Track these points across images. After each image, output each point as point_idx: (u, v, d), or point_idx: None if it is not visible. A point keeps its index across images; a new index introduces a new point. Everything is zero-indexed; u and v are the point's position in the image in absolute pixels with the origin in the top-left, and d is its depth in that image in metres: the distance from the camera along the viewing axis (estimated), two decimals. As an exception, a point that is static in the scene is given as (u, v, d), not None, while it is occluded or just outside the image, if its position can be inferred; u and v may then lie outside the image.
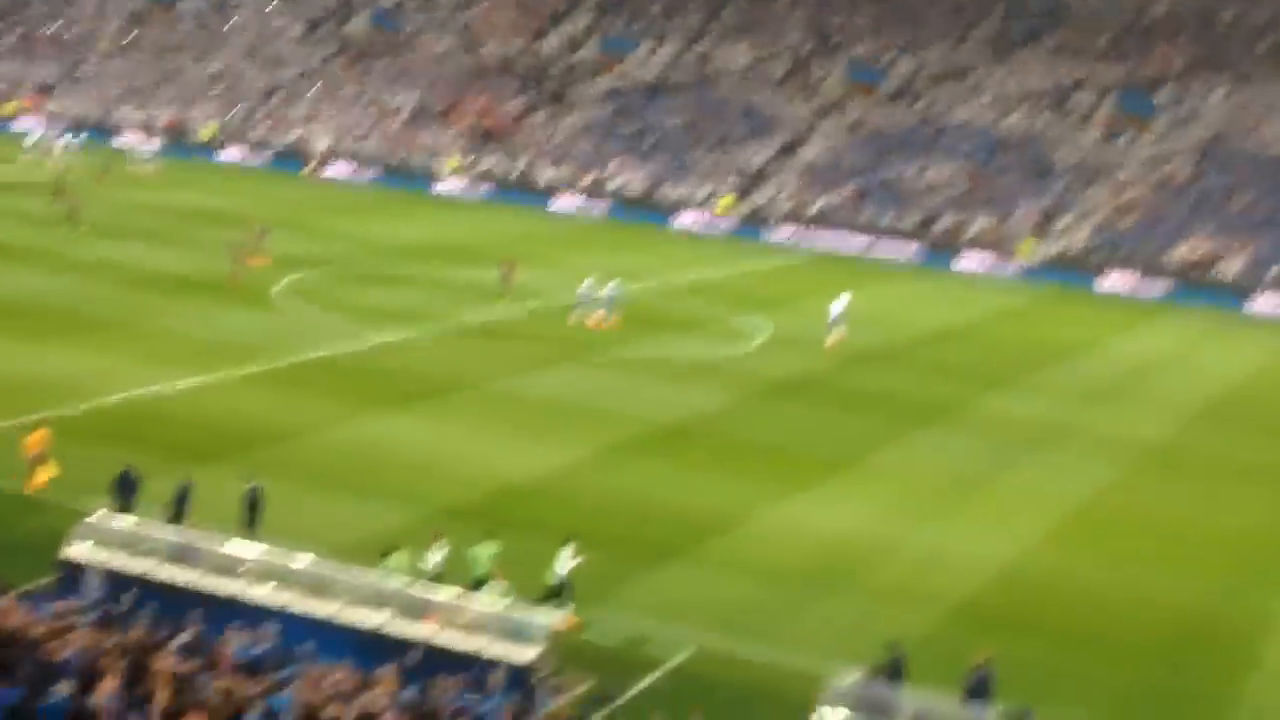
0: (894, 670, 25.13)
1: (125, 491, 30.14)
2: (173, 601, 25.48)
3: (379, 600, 25.80)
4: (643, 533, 33.22)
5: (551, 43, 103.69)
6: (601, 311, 53.45)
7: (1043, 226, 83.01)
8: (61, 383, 39.60)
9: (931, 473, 40.08)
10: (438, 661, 24.02)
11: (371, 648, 24.64)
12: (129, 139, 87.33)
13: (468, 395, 43.19)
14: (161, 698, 20.33)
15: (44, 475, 31.89)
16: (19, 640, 21.59)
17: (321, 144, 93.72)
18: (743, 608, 29.89)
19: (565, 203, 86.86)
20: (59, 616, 23.15)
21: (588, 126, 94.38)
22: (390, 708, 20.88)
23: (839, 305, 54.44)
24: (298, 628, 24.98)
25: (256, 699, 20.76)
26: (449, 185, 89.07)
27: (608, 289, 53.92)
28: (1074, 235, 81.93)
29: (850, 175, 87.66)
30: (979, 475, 40.68)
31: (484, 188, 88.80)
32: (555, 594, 28.07)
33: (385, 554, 27.98)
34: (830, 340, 53.58)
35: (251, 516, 30.08)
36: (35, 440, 32.19)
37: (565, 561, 28.41)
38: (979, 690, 24.79)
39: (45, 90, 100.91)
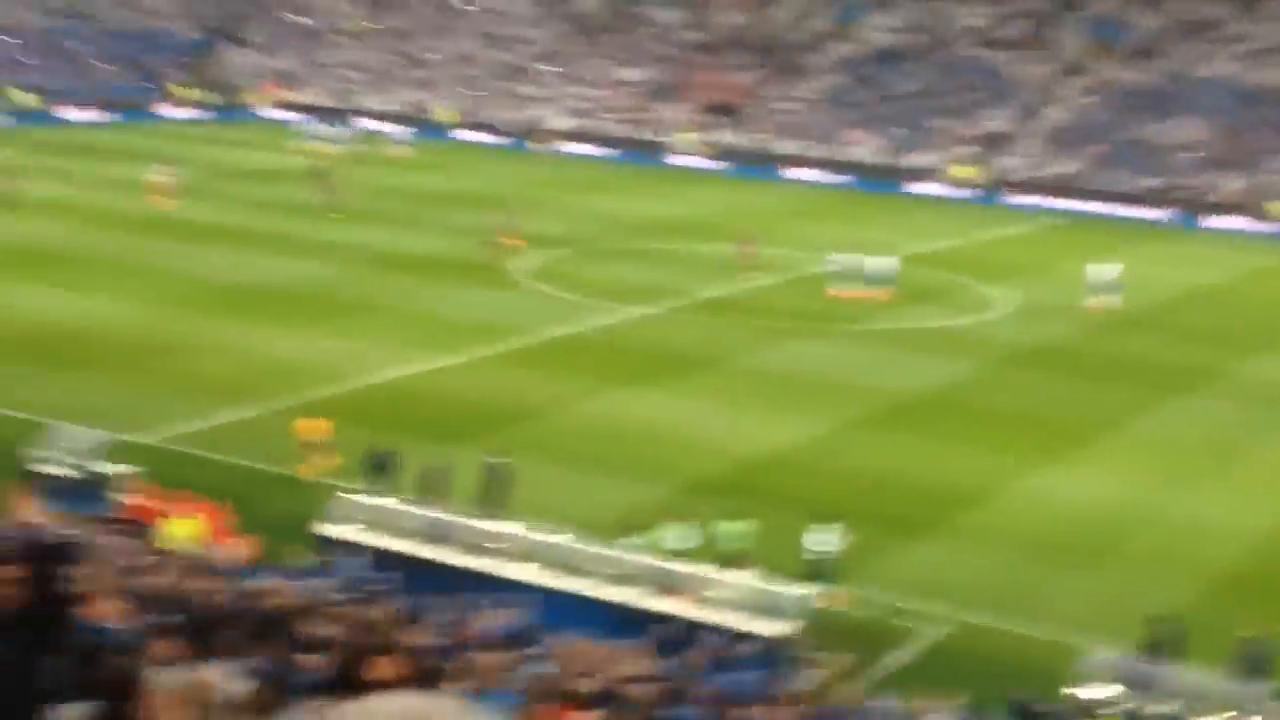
0: (1166, 643, 24.53)
1: (380, 471, 30.75)
2: (426, 579, 25.90)
3: (631, 576, 25.94)
4: (893, 506, 32.91)
5: (782, 12, 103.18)
6: (865, 287, 52.89)
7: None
8: (319, 366, 40.54)
9: (1188, 440, 39.06)
10: (691, 636, 24.07)
11: (624, 623, 24.77)
12: (381, 124, 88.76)
13: (712, 370, 43.20)
14: (403, 672, 20.61)
15: (322, 464, 32.27)
16: (279, 616, 22.08)
17: (557, 122, 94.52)
18: (997, 581, 29.47)
19: (801, 174, 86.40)
20: (315, 593, 23.63)
21: (822, 96, 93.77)
22: (642, 681, 20.92)
23: (1109, 272, 53.25)
24: (550, 604, 25.21)
25: (504, 672, 20.94)
26: (684, 159, 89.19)
27: (875, 263, 53.40)
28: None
29: (1093, 137, 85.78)
30: (1237, 442, 39.56)
31: (719, 161, 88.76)
32: (818, 571, 27.86)
33: (640, 529, 28.08)
34: (1093, 304, 52.56)
35: (495, 493, 30.44)
36: (312, 428, 32.70)
37: (832, 540, 28.15)
38: (1256, 665, 24.05)
39: (287, 78, 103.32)
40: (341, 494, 29.17)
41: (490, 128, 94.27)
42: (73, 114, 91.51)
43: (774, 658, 24.16)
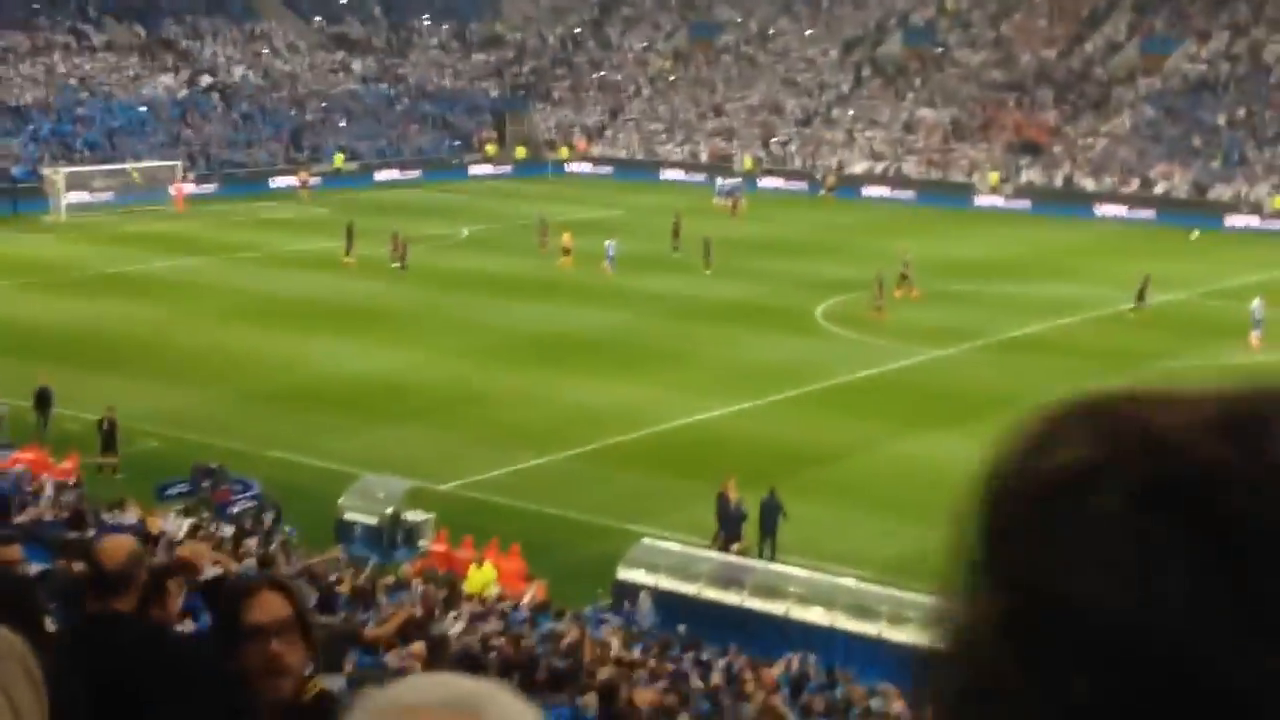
0: None
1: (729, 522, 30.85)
2: (719, 622, 26.07)
3: (925, 619, 25.71)
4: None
5: (1089, 48, 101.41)
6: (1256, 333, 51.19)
7: None
8: (621, 412, 41.09)
9: None
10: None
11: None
12: (720, 179, 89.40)
13: (1014, 410, 41.94)
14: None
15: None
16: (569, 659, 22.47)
17: (858, 166, 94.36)
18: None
19: (1109, 211, 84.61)
20: (613, 635, 23.98)
21: (1130, 131, 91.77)
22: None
23: (1258, 308, 50.84)
24: (843, 647, 25.13)
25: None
26: (989, 200, 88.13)
27: (1255, 307, 51.57)
28: None
29: None
30: None
31: (1025, 200, 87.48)
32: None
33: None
34: (1253, 340, 50.28)
35: (766, 529, 30.61)
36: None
37: None
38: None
39: (593, 133, 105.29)
40: (641, 539, 29.56)
41: (791, 174, 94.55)
42: (387, 175, 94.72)
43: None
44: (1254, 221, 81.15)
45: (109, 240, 69.85)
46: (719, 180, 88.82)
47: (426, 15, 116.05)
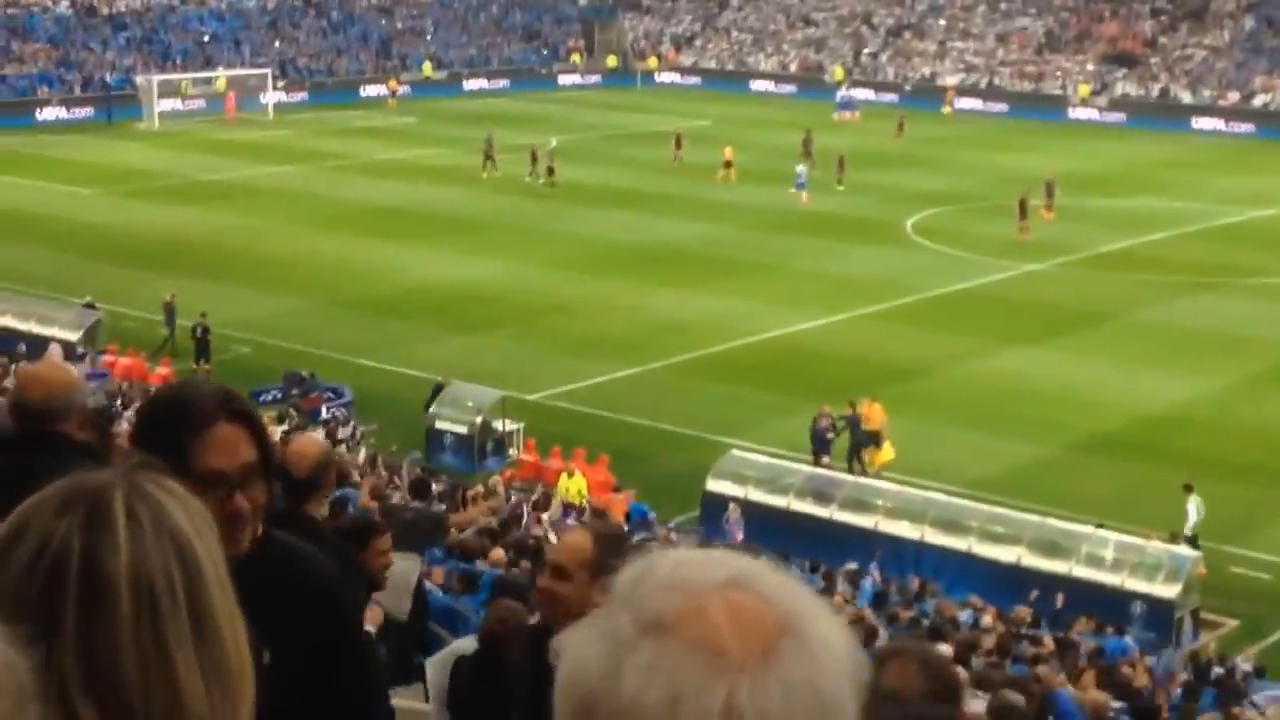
0: None
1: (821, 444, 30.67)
2: (807, 535, 26.11)
3: (1014, 535, 25.63)
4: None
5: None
6: None
7: None
8: (708, 324, 41.06)
9: None
10: (1076, 596, 23.66)
11: (1006, 582, 24.52)
12: (840, 93, 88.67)
13: (1105, 326, 42.18)
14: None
15: (884, 456, 30.97)
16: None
17: (952, 78, 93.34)
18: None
19: (1207, 124, 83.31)
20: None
21: (1228, 43, 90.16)
22: (1027, 639, 20.67)
23: None
24: (931, 560, 25.14)
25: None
26: (1083, 112, 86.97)
27: None
28: None
29: None
30: None
31: (1119, 113, 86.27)
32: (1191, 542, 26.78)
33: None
34: None
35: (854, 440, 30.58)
36: (875, 414, 31.47)
37: (1191, 515, 26.74)
38: None
39: (681, 42, 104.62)
40: (729, 450, 29.59)
41: (883, 85, 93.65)
42: (475, 84, 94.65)
43: (1161, 619, 23.56)
44: (1357, 136, 79.68)
45: (201, 148, 70.25)
46: (839, 93, 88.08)
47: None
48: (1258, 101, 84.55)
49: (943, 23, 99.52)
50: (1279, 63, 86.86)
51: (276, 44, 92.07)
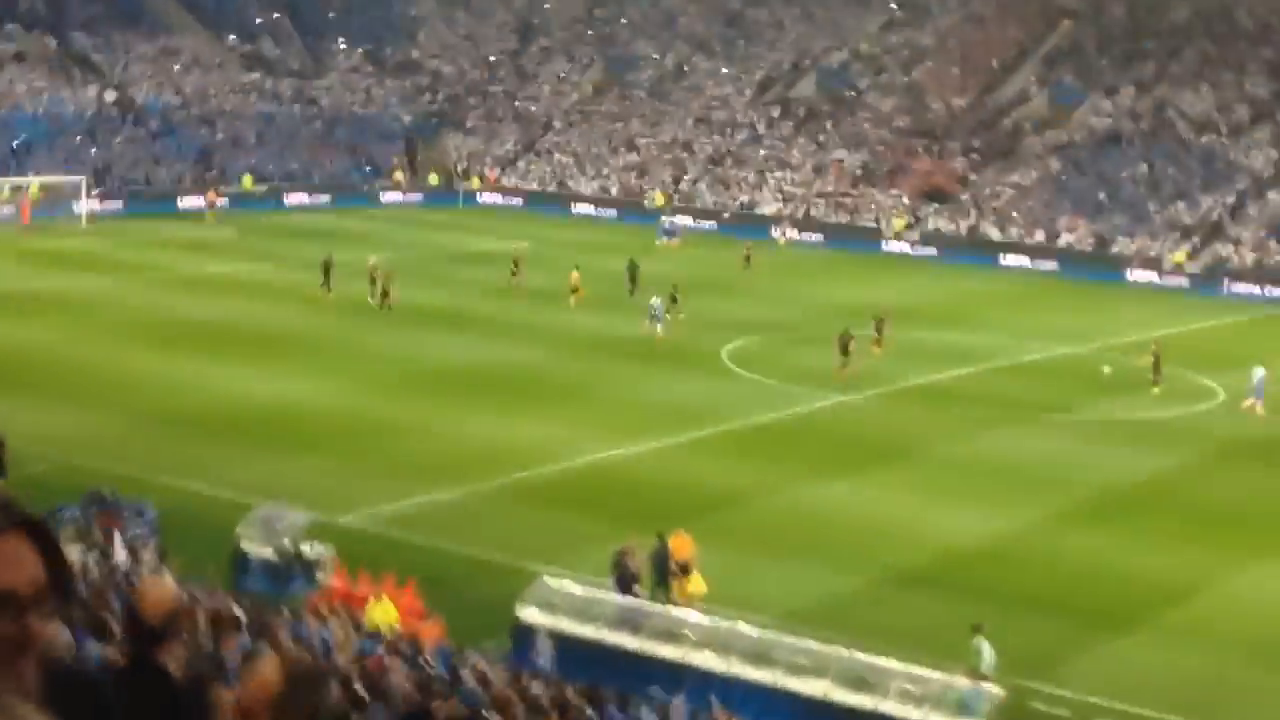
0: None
1: (624, 581, 30.03)
2: (617, 665, 25.98)
3: (821, 668, 25.73)
4: (1095, 601, 32.21)
5: (998, 98, 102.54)
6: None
7: None
8: (524, 449, 40.95)
9: None
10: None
11: (814, 716, 24.58)
12: (663, 219, 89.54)
13: (914, 458, 42.82)
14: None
15: (693, 587, 30.37)
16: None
17: (770, 208, 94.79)
18: (1201, 682, 28.65)
19: (1013, 260, 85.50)
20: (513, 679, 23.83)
21: (1037, 182, 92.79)
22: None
23: (1257, 376, 50.71)
24: (738, 693, 25.12)
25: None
26: (896, 246, 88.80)
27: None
28: None
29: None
30: None
31: (931, 248, 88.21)
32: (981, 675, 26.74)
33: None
34: (1246, 405, 50.42)
35: (658, 572, 30.32)
36: (683, 545, 30.74)
37: (985, 654, 26.60)
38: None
39: (505, 163, 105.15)
40: (538, 578, 29.41)
41: (701, 212, 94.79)
42: (296, 199, 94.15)
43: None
44: (1154, 277, 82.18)
45: (8, 256, 68.93)
46: (663, 219, 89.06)
47: (342, 38, 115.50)
48: (1062, 240, 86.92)
49: (762, 152, 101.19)
50: (1082, 203, 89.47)
51: (93, 151, 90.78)
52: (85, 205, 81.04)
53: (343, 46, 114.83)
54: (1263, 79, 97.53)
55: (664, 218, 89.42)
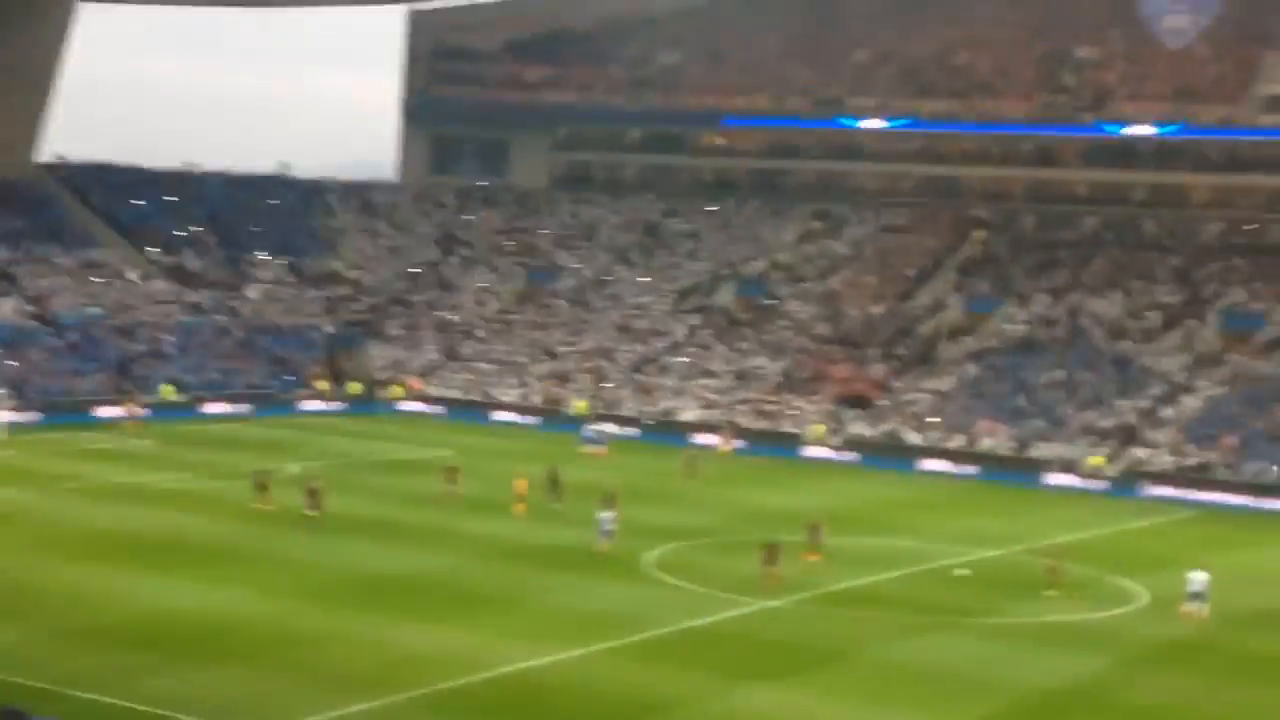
0: None
1: None
2: None
3: None
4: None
5: (914, 305, 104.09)
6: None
7: None
8: (446, 657, 40.52)
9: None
10: None
11: None
12: (587, 427, 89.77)
13: (839, 665, 42.66)
14: None
15: None
16: None
17: (690, 414, 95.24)
18: None
19: (934, 466, 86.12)
20: None
21: (954, 388, 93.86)
22: None
23: (1198, 581, 50.98)
24: None
25: None
26: (817, 451, 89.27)
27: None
28: None
29: (1230, 428, 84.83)
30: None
31: (853, 452, 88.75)
32: None
33: None
34: (1185, 610, 50.60)
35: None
36: None
37: None
38: None
39: (427, 372, 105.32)
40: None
41: (623, 420, 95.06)
42: (216, 408, 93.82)
43: None
44: (1072, 481, 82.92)
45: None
46: (586, 426, 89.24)
47: (263, 249, 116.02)
48: (981, 445, 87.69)
49: (683, 360, 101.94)
50: (1000, 407, 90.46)
51: (11, 363, 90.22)
52: (2, 416, 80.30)
53: (263, 258, 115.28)
54: (1171, 286, 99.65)
55: (587, 425, 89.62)
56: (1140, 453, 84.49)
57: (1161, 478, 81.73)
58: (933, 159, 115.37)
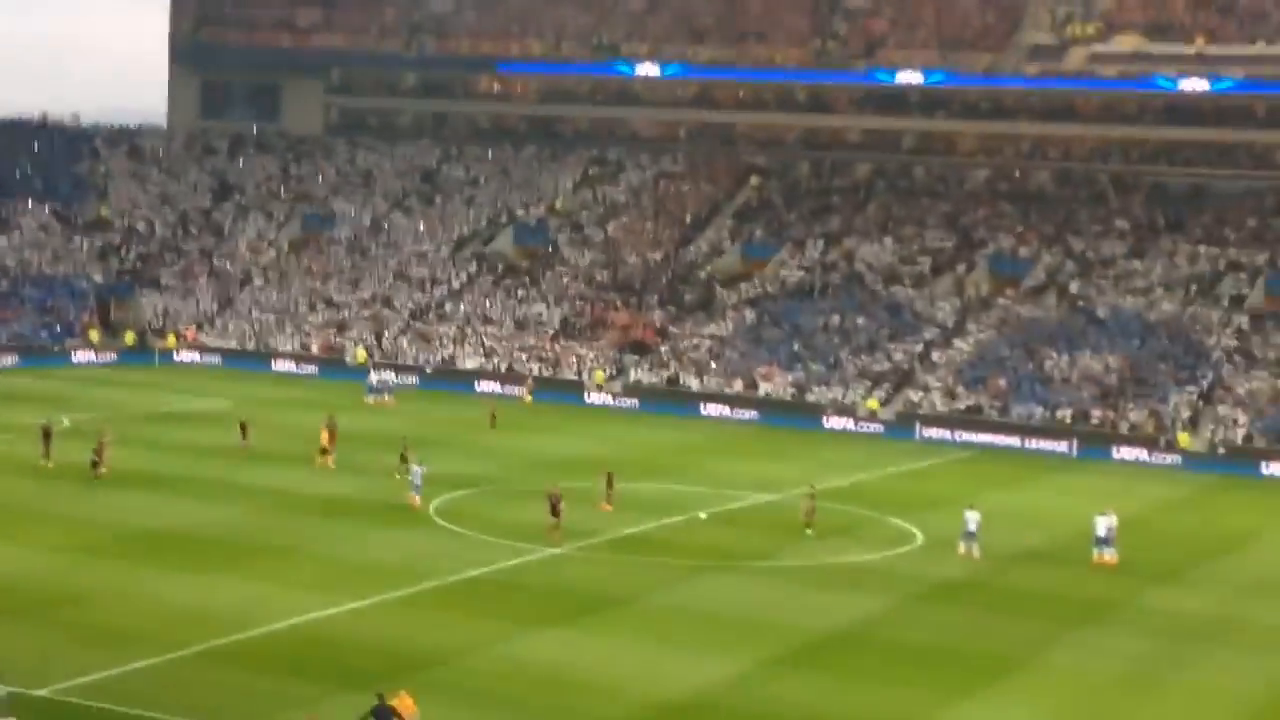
0: None
1: None
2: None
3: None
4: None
5: (692, 252, 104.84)
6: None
7: (1199, 415, 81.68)
8: (226, 612, 40.04)
9: (1101, 674, 39.08)
10: None
11: None
12: (371, 376, 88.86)
13: (623, 609, 43.01)
14: None
15: None
16: None
17: (471, 362, 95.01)
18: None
19: (714, 410, 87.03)
20: None
21: (733, 333, 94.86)
22: None
23: (972, 520, 52.47)
24: None
25: None
26: (599, 398, 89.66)
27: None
28: (1234, 423, 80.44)
29: (1000, 371, 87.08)
30: (1151, 675, 39.65)
31: (633, 398, 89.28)
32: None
33: None
34: (961, 551, 52.08)
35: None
36: (405, 706, 29.99)
37: None
38: None
39: (202, 321, 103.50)
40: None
41: (404, 368, 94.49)
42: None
43: None
44: (849, 424, 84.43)
45: None
46: (370, 376, 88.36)
47: (28, 196, 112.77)
48: (760, 390, 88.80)
49: (462, 307, 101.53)
50: (777, 352, 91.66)
51: None
52: None
53: (29, 206, 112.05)
54: (941, 232, 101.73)
55: (372, 375, 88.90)
56: (914, 396, 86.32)
57: (935, 420, 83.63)
58: (708, 105, 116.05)
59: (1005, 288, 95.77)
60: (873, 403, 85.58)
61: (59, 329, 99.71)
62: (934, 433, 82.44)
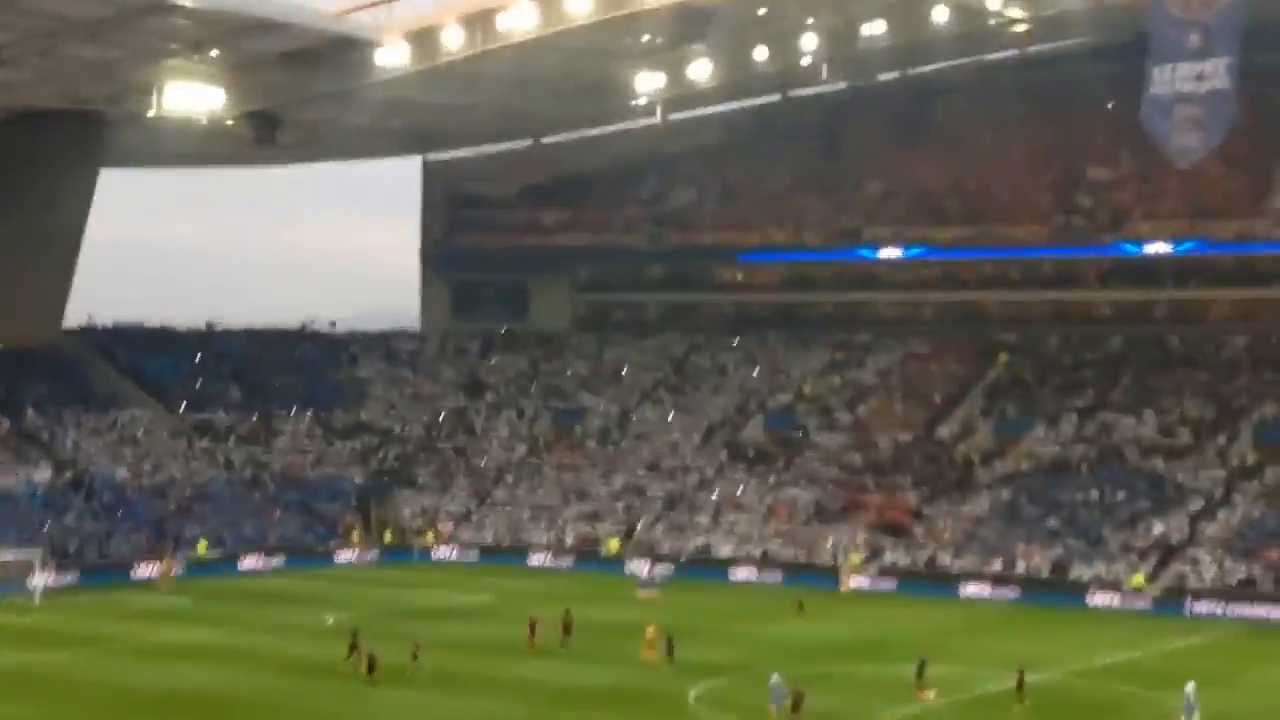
0: None
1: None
2: None
3: None
4: None
5: (944, 431, 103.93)
6: None
7: None
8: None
9: None
10: None
11: None
12: (634, 567, 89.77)
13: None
14: None
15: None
16: None
17: (725, 549, 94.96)
18: None
19: (973, 590, 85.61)
20: None
21: (990, 511, 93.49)
22: None
23: (1189, 692, 50.22)
24: None
25: None
26: (855, 581, 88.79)
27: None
28: None
29: (1270, 541, 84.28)
30: None
31: (889, 581, 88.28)
32: None
33: None
34: None
35: None
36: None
37: None
38: None
39: (458, 518, 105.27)
40: None
41: (659, 558, 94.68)
42: (250, 563, 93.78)
43: None
44: (1115, 600, 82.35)
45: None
46: (642, 572, 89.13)
47: (291, 404, 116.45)
48: (1020, 568, 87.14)
49: (714, 496, 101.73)
50: (1036, 531, 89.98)
51: (46, 526, 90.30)
52: (40, 580, 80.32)
53: (291, 412, 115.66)
54: (1200, 401, 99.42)
55: (643, 568, 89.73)
56: (1180, 570, 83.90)
57: (1204, 594, 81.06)
58: (952, 285, 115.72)
59: (1272, 456, 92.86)
60: (1138, 578, 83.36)
61: (323, 530, 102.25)
62: (1204, 607, 79.87)
